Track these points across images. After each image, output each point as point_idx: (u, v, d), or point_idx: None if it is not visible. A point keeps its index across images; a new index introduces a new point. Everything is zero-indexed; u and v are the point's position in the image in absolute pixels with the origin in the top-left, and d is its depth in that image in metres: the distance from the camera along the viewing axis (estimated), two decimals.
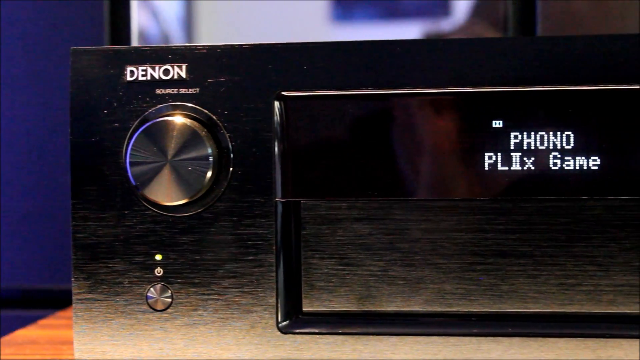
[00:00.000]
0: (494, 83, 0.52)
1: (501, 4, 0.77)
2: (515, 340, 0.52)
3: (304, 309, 0.54)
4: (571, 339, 0.52)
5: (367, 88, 0.53)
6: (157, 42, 1.00)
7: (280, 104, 0.53)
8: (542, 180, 0.52)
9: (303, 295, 0.54)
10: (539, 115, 0.52)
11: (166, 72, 0.54)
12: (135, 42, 0.82)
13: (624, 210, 0.51)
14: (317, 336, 0.54)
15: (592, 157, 0.52)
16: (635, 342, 0.52)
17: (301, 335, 0.54)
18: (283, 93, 0.53)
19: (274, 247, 0.53)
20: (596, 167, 0.51)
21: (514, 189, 0.52)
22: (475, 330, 0.53)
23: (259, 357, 0.54)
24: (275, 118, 0.53)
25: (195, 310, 0.54)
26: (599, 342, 0.52)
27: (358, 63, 0.53)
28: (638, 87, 0.51)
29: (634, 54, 0.51)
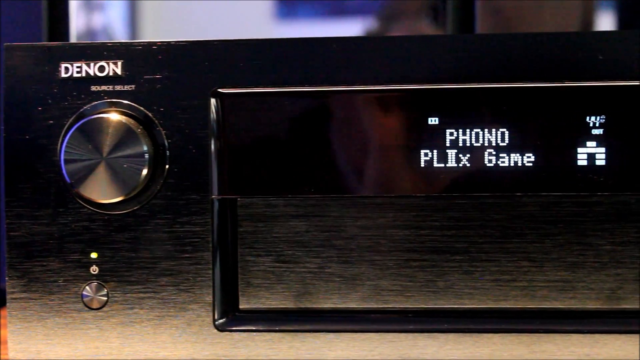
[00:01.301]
0: (432, 80, 0.53)
1: (441, 3, 0.78)
2: (451, 336, 0.53)
3: (240, 307, 0.54)
4: (506, 334, 0.53)
5: (304, 85, 0.53)
6: (100, 40, 1.00)
7: (216, 101, 0.53)
8: (477, 177, 0.53)
9: (240, 293, 0.54)
10: (474, 112, 0.53)
11: (101, 68, 0.54)
12: (74, 40, 0.82)
13: (558, 207, 0.53)
14: (254, 333, 0.54)
15: (527, 154, 0.53)
16: (568, 336, 0.53)
17: (238, 333, 0.54)
18: (219, 90, 0.53)
19: (211, 245, 0.54)
20: (530, 164, 0.53)
21: (449, 186, 0.53)
22: (411, 327, 0.54)
23: (195, 355, 0.54)
24: (212, 115, 0.53)
25: (131, 308, 0.54)
26: (533, 337, 0.53)
27: (295, 60, 0.53)
28: (571, 84, 0.52)
29: (569, 51, 0.52)
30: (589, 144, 0.52)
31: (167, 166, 0.54)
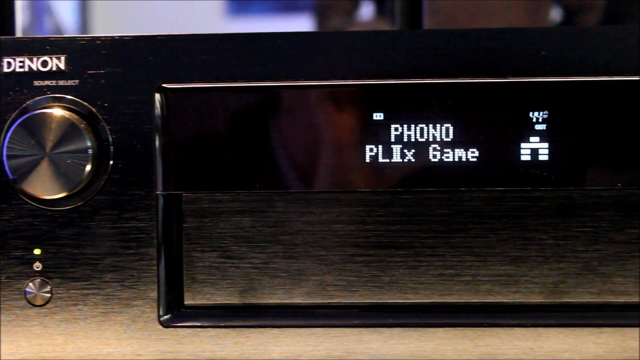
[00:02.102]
0: (378, 76, 0.54)
1: None
2: (396, 330, 0.54)
3: (185, 303, 0.55)
4: (450, 328, 0.54)
5: (249, 80, 0.54)
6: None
7: (161, 96, 0.54)
8: (422, 172, 0.54)
9: (185, 289, 0.55)
10: (419, 107, 0.53)
11: (44, 63, 0.54)
12: (20, 35, 0.81)
13: (501, 202, 0.53)
14: (199, 329, 0.54)
15: (471, 150, 0.53)
16: (511, 330, 0.54)
17: (183, 329, 0.54)
18: (164, 85, 0.54)
19: (155, 241, 0.54)
20: (474, 159, 0.53)
21: (394, 181, 0.54)
22: (356, 322, 0.54)
23: (140, 352, 0.54)
24: (156, 110, 0.54)
25: (75, 305, 0.54)
26: (477, 331, 0.54)
27: (240, 55, 0.54)
28: (514, 80, 0.53)
29: (512, 47, 0.53)
30: (532, 139, 0.53)
31: (111, 162, 0.54)
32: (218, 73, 0.54)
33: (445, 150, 0.53)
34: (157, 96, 0.54)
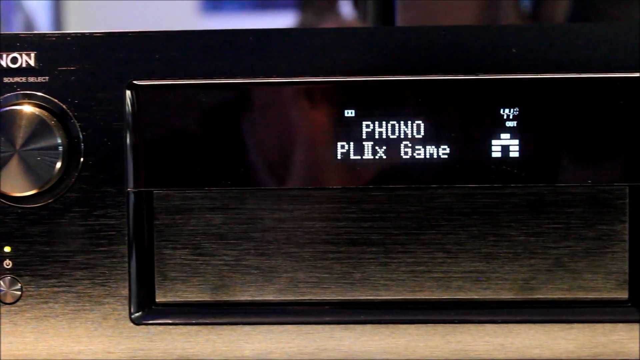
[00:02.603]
0: (349, 73, 0.54)
1: None
2: (367, 327, 0.54)
3: (157, 300, 0.55)
4: (421, 325, 0.54)
5: (220, 77, 0.54)
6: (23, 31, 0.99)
7: (131, 93, 0.54)
8: (393, 169, 0.54)
9: (156, 286, 0.55)
10: (390, 104, 0.54)
11: (14, 60, 0.54)
12: None
13: (472, 198, 0.54)
14: (171, 327, 0.55)
15: (442, 146, 0.54)
16: (482, 327, 0.54)
17: (154, 326, 0.54)
18: (134, 82, 0.54)
19: (126, 238, 0.54)
20: (446, 156, 0.54)
21: (366, 178, 0.54)
22: (328, 318, 0.54)
23: (111, 349, 0.54)
24: (127, 107, 0.54)
25: (46, 302, 0.54)
26: (448, 327, 0.54)
27: (211, 52, 0.54)
28: (485, 77, 0.53)
29: (483, 44, 0.53)
30: (503, 136, 0.54)
31: (81, 159, 0.54)
32: (189, 70, 0.54)
33: (417, 147, 0.54)
34: (128, 93, 0.54)
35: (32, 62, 0.54)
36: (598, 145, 0.53)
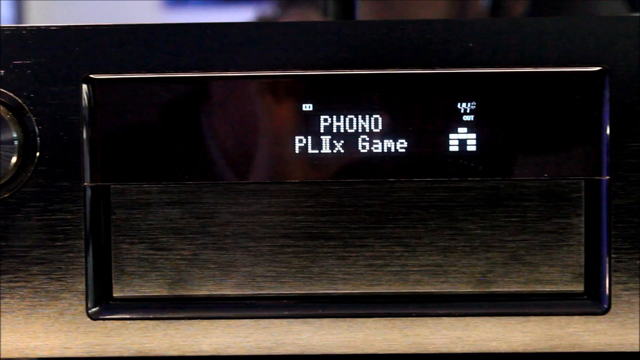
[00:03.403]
0: (308, 67, 0.54)
1: None
2: (325, 321, 0.55)
3: (114, 295, 0.55)
4: (379, 318, 0.55)
5: (177, 71, 0.54)
6: None
7: (88, 87, 0.54)
8: (351, 163, 0.54)
9: (113, 281, 0.55)
10: (348, 98, 0.54)
11: None
12: None
13: (430, 192, 0.54)
14: (128, 322, 0.55)
15: (400, 140, 0.54)
16: (440, 320, 0.55)
17: (111, 321, 0.55)
18: (91, 76, 0.54)
19: (83, 233, 0.54)
20: (403, 150, 0.54)
21: (324, 172, 0.54)
22: (286, 313, 0.55)
23: (68, 345, 0.54)
24: (83, 101, 0.54)
25: (2, 298, 0.54)
26: (406, 321, 0.55)
27: (168, 46, 0.54)
28: (442, 71, 0.54)
29: (440, 39, 0.54)
30: (460, 130, 0.54)
31: (37, 153, 0.54)
32: (146, 63, 0.54)
33: (375, 141, 0.54)
34: (84, 87, 0.54)
35: None
36: (554, 139, 0.54)
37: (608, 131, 0.53)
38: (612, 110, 0.53)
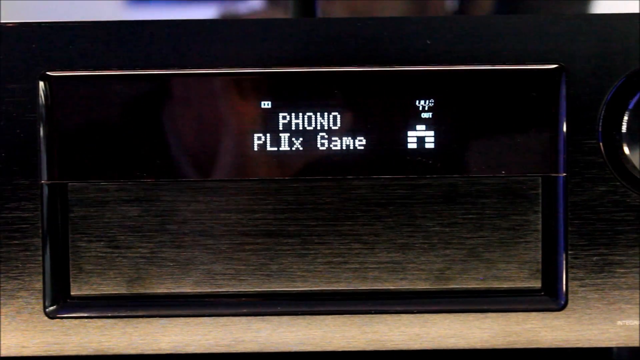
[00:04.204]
0: (266, 64, 0.54)
1: None
2: (284, 318, 0.55)
3: (72, 293, 0.55)
4: (338, 316, 0.55)
5: (135, 68, 0.54)
6: None
7: (45, 84, 0.54)
8: (310, 160, 0.55)
9: (71, 279, 0.55)
10: (306, 96, 0.54)
11: None
12: None
13: (388, 189, 0.55)
14: (86, 320, 0.55)
15: (358, 138, 0.54)
16: (399, 317, 0.55)
17: (69, 320, 0.55)
18: (48, 73, 0.54)
19: (40, 231, 0.54)
20: (362, 147, 0.54)
21: (282, 169, 0.55)
22: (244, 310, 0.55)
23: (25, 343, 0.54)
24: (40, 99, 0.54)
25: None
26: (365, 318, 0.55)
27: (126, 43, 0.54)
28: (400, 68, 0.54)
29: (398, 36, 0.54)
30: (418, 127, 0.55)
31: None
32: (104, 61, 0.54)
33: (333, 138, 0.54)
34: (41, 84, 0.54)
35: None
36: (512, 136, 0.54)
37: (565, 128, 0.54)
38: (568, 107, 0.54)
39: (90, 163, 0.54)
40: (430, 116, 0.54)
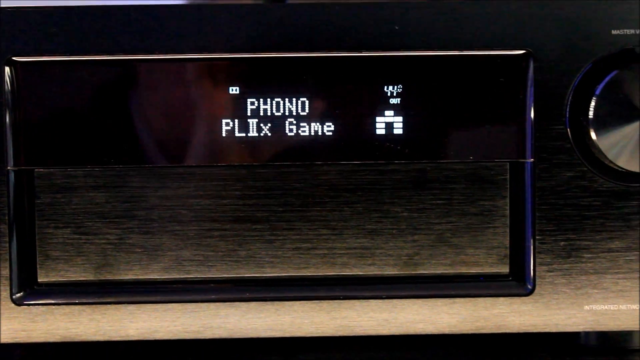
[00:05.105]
0: (235, 49, 0.54)
1: None
2: (253, 304, 0.55)
3: (39, 280, 0.55)
4: (307, 301, 0.55)
5: (103, 53, 0.54)
6: None
7: (10, 70, 0.54)
8: (278, 146, 0.55)
9: (38, 266, 0.55)
10: (275, 81, 0.55)
11: None
12: None
13: (357, 175, 0.55)
14: (53, 307, 0.55)
15: (327, 124, 0.55)
16: (367, 302, 0.55)
17: (36, 307, 0.55)
18: (13, 58, 0.54)
19: (7, 217, 0.54)
20: (330, 133, 0.55)
21: (251, 155, 0.55)
22: (213, 296, 0.55)
23: None
24: (6, 85, 0.54)
25: None
26: (333, 304, 0.55)
27: (92, 28, 0.54)
28: (368, 54, 0.54)
29: (367, 22, 0.54)
30: (387, 113, 0.55)
31: None
32: (70, 46, 0.54)
33: (302, 124, 0.55)
34: (7, 69, 0.54)
35: None
36: (480, 122, 0.55)
37: (532, 114, 0.54)
38: (536, 93, 0.54)
39: (57, 149, 0.54)
40: (399, 102, 0.55)
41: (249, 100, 0.55)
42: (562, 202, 0.55)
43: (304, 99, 0.55)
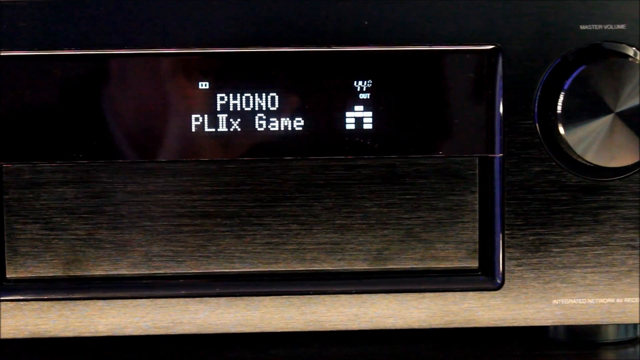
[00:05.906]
0: (204, 44, 0.54)
1: None
2: (222, 300, 0.55)
3: (7, 276, 0.55)
4: (277, 297, 0.56)
5: (72, 48, 0.54)
6: None
7: None
8: (248, 141, 0.55)
9: (6, 262, 0.55)
10: (244, 76, 0.55)
11: None
12: None
13: (327, 170, 0.55)
14: (22, 303, 0.55)
15: (297, 119, 0.55)
16: (337, 297, 0.56)
17: (4, 303, 0.55)
18: None
19: None
20: (300, 128, 0.55)
21: (220, 150, 0.55)
22: (182, 292, 0.55)
23: None
24: None
25: None
26: (303, 299, 0.56)
27: (61, 22, 0.54)
28: (338, 49, 0.54)
29: (336, 16, 0.55)
30: (356, 108, 0.55)
31: None
32: (39, 40, 0.54)
33: (271, 119, 0.55)
34: None
35: None
36: (449, 117, 0.55)
37: (501, 109, 0.55)
38: (505, 88, 0.55)
39: (25, 144, 0.54)
40: (368, 97, 0.55)
41: (218, 96, 0.55)
42: (530, 197, 0.55)
43: (274, 94, 0.55)
